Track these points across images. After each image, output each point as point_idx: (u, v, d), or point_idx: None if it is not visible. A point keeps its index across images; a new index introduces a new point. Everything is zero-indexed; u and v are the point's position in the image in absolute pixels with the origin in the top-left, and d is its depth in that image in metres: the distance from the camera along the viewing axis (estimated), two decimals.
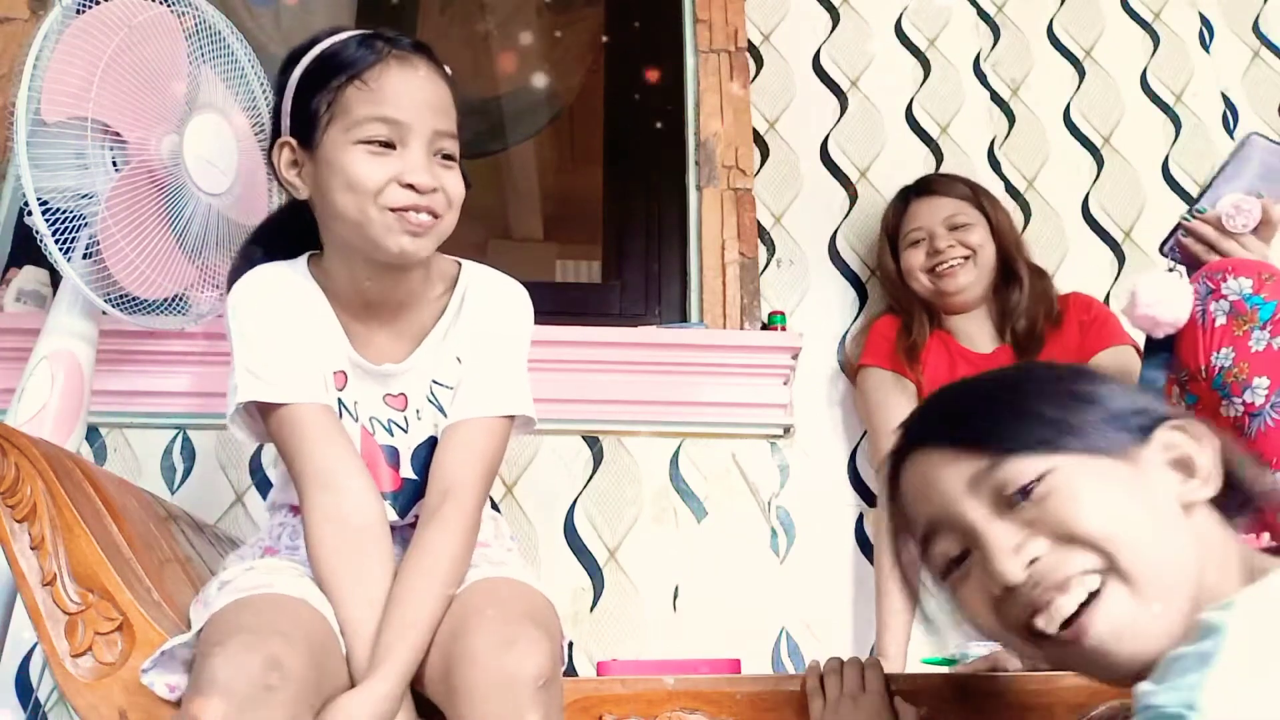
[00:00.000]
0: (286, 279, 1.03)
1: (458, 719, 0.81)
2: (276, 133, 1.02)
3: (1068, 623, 0.64)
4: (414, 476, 1.02)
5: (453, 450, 0.99)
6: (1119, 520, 0.65)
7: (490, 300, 1.06)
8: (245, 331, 0.99)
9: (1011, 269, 1.60)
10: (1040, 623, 0.65)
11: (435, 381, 1.03)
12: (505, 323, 1.06)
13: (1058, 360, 1.53)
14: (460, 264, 1.09)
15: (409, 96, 0.97)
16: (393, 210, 0.95)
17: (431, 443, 1.02)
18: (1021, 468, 0.66)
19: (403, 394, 1.03)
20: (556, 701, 0.82)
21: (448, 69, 1.05)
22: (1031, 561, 0.65)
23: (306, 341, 1.00)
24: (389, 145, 0.96)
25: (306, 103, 0.98)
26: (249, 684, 0.75)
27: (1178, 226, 1.21)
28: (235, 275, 1.06)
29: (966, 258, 1.57)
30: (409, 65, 0.99)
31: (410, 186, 0.95)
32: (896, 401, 1.55)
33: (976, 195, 1.64)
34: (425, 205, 0.96)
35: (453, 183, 0.99)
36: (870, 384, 1.59)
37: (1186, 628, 0.57)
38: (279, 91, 1.02)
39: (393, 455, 1.03)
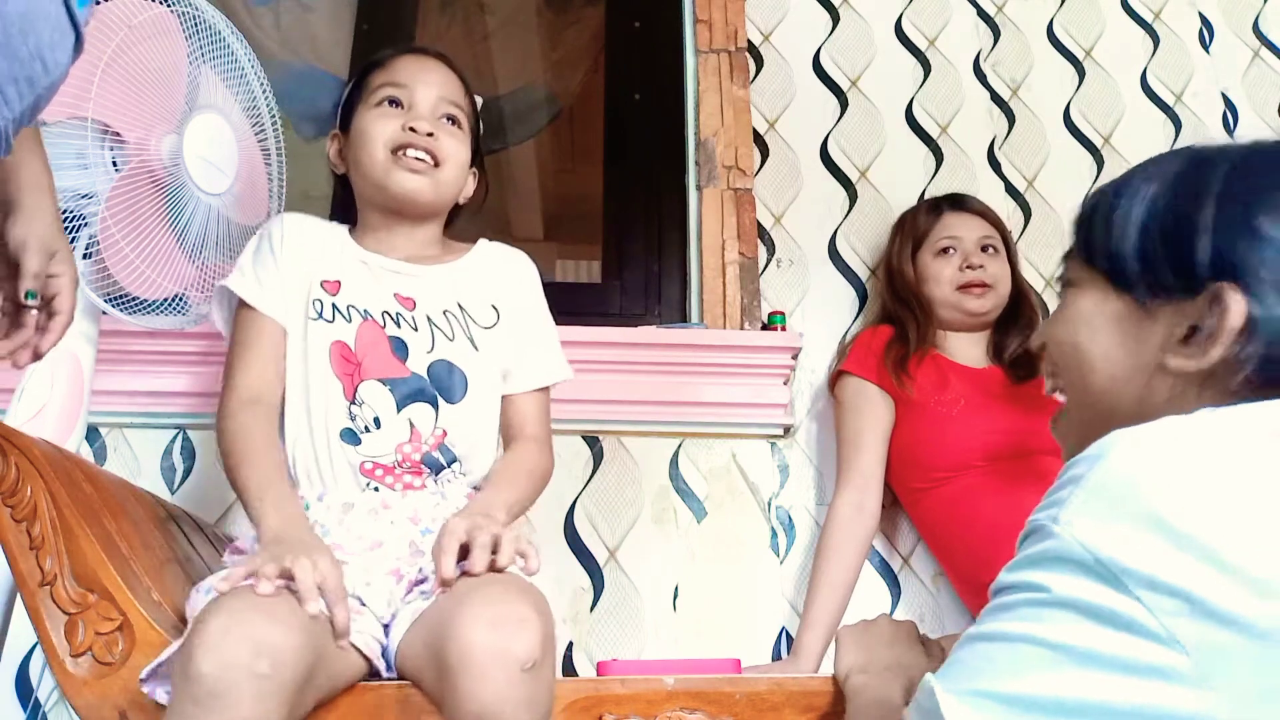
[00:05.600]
0: (317, 221, 1.20)
1: (442, 696, 0.80)
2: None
3: None
4: (422, 375, 1.10)
5: (522, 414, 1.17)
6: (1077, 351, 0.71)
7: (511, 262, 1.23)
8: (259, 245, 1.17)
9: (1024, 304, 1.63)
10: None
11: (460, 305, 1.15)
12: (532, 290, 1.22)
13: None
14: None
15: (416, 71, 1.17)
16: (395, 152, 1.12)
17: (447, 364, 1.12)
18: (1071, 269, 0.73)
19: (412, 297, 1.14)
20: (545, 686, 0.81)
21: (460, 71, 1.23)
22: (1041, 346, 0.77)
23: (304, 255, 1.14)
24: (397, 104, 1.15)
25: (350, 100, 1.20)
26: (236, 673, 0.73)
27: None
28: None
29: (991, 286, 1.59)
30: (420, 55, 1.20)
31: (412, 130, 1.12)
32: (874, 414, 1.54)
33: (1003, 226, 1.67)
34: (422, 144, 1.12)
35: (453, 143, 1.16)
36: (850, 391, 1.58)
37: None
38: (337, 105, 1.24)
39: (401, 348, 1.11)
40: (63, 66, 0.71)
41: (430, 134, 1.12)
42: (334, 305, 1.11)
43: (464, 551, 0.91)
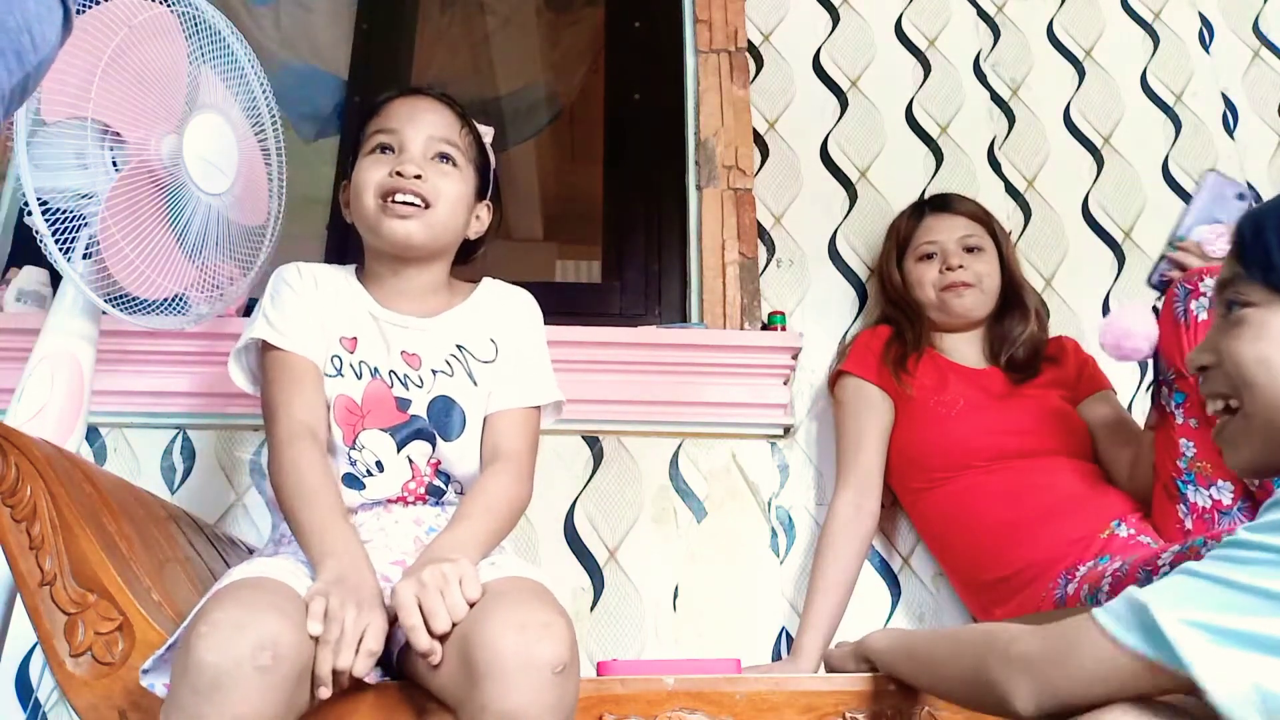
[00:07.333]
0: (322, 268, 1.19)
1: (462, 699, 0.80)
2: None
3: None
4: (421, 415, 1.11)
5: (499, 432, 1.13)
6: (1267, 365, 0.74)
7: (511, 300, 1.22)
8: (276, 291, 1.14)
9: (1016, 299, 1.61)
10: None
11: (460, 345, 1.15)
12: (528, 323, 1.21)
13: (1051, 393, 1.54)
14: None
15: (407, 113, 1.16)
16: (384, 198, 1.12)
17: (446, 401, 1.12)
18: (1245, 292, 0.77)
19: (417, 354, 1.14)
20: (572, 689, 0.82)
21: (459, 107, 1.22)
22: (1201, 367, 0.80)
23: (322, 308, 1.13)
24: (389, 149, 1.15)
25: (354, 149, 1.20)
26: (238, 665, 0.73)
27: (1162, 258, 1.28)
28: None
29: (973, 284, 1.58)
30: (412, 96, 1.19)
31: (399, 174, 1.12)
32: (873, 414, 1.54)
33: (990, 221, 1.66)
34: (409, 188, 1.11)
35: (445, 182, 1.15)
36: (849, 392, 1.58)
37: None
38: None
39: (404, 405, 1.11)
40: (51, 43, 0.70)
41: (418, 176, 1.12)
42: (348, 363, 1.12)
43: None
